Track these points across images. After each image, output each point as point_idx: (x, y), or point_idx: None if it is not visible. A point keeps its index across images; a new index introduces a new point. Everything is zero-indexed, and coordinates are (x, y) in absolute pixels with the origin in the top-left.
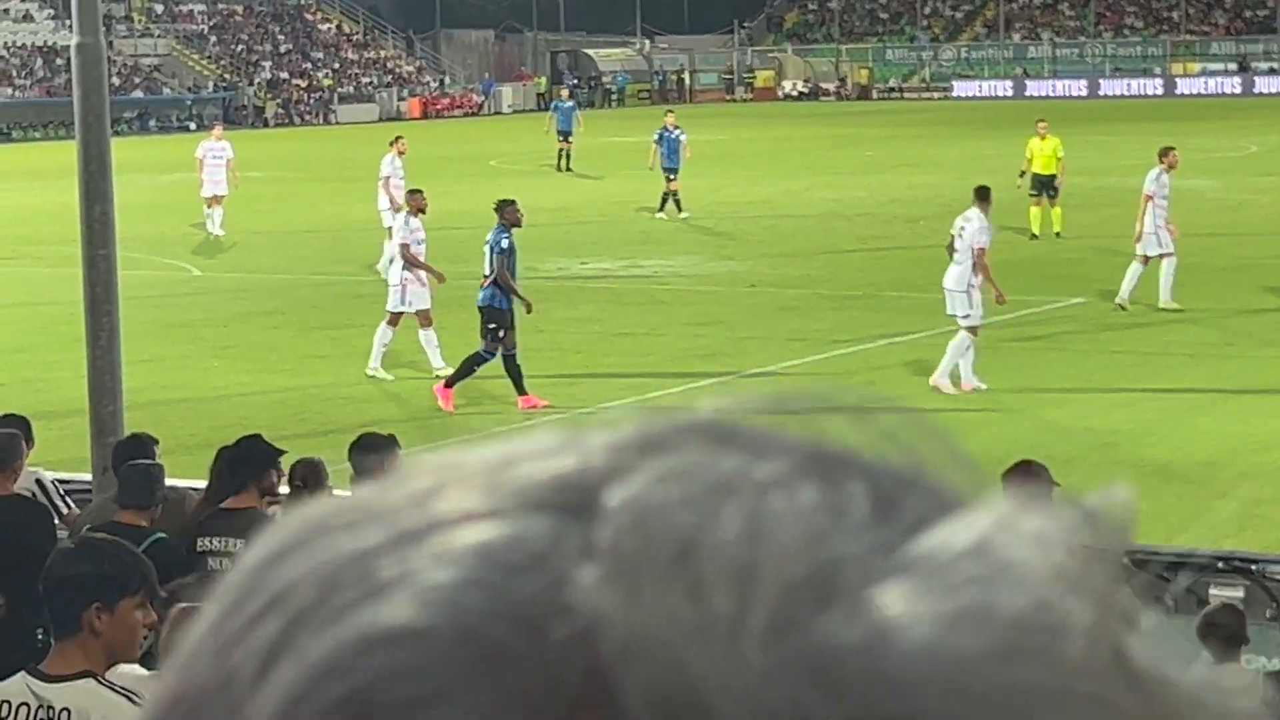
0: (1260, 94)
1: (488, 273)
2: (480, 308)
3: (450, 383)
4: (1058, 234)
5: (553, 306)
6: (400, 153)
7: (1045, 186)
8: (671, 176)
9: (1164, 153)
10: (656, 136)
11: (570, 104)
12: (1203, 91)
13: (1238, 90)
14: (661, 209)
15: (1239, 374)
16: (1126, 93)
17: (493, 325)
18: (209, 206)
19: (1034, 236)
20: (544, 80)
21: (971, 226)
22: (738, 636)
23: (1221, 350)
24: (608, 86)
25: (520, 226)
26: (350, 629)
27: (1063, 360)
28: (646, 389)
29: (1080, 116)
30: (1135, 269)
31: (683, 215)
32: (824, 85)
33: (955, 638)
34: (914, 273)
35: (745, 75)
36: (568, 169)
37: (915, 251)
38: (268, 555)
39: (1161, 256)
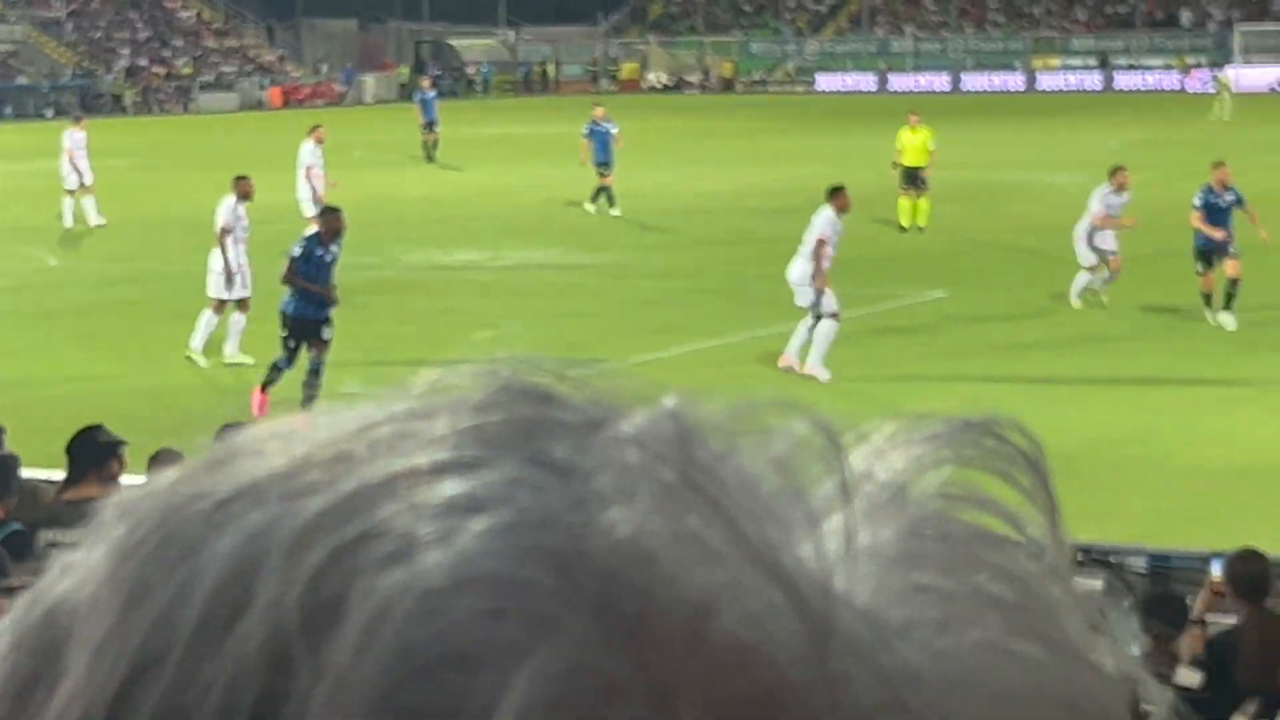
0: (1120, 90)
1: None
2: (284, 314)
3: (265, 386)
4: (921, 228)
5: (418, 298)
6: (319, 141)
7: (914, 179)
8: (604, 171)
9: (1114, 172)
10: (586, 130)
11: (433, 94)
12: (1063, 87)
13: (1098, 86)
14: (593, 201)
15: (1102, 367)
16: (988, 87)
17: (285, 334)
18: (76, 196)
19: (903, 229)
20: (407, 70)
21: (818, 220)
22: (733, 555)
23: (1085, 343)
24: (472, 77)
25: (339, 237)
26: (413, 572)
27: (924, 353)
28: None
29: (942, 110)
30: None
31: (614, 211)
32: (688, 78)
33: (935, 555)
34: (779, 265)
35: (610, 67)
36: (433, 159)
37: (780, 244)
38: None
39: (1093, 268)
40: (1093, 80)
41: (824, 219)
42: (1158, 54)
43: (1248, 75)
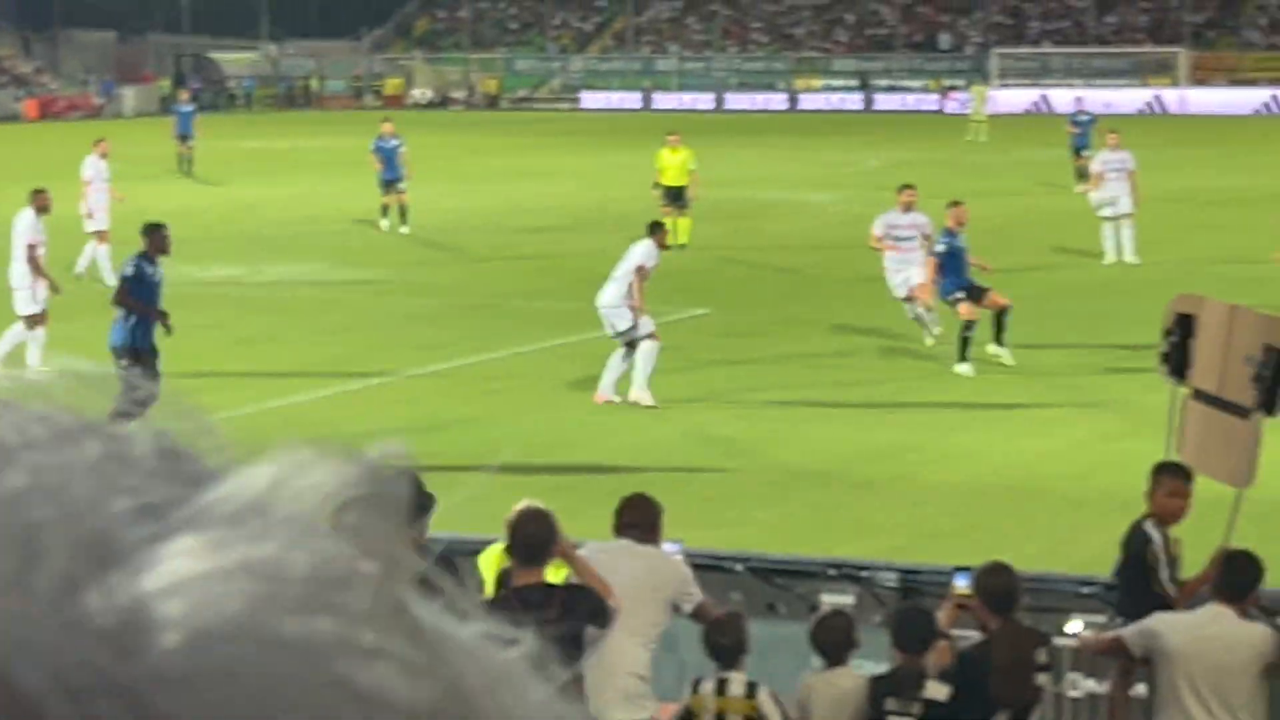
0: (879, 110)
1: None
2: (113, 348)
3: None
4: (683, 245)
5: (176, 313)
6: (103, 155)
7: (676, 198)
8: (398, 187)
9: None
10: (374, 147)
11: (189, 107)
12: (824, 107)
13: (859, 106)
14: (385, 218)
15: (856, 385)
16: (751, 107)
17: (125, 364)
18: None
19: (681, 246)
20: (168, 83)
21: (637, 249)
22: (28, 597)
23: (839, 361)
24: (233, 91)
25: (167, 254)
26: None
27: (686, 370)
28: (269, 396)
29: (706, 129)
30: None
31: (389, 227)
32: (453, 94)
33: (235, 592)
34: (542, 282)
35: (374, 82)
36: (190, 173)
37: (543, 261)
38: None
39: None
40: (853, 101)
41: (644, 248)
42: (917, 76)
43: (1004, 97)
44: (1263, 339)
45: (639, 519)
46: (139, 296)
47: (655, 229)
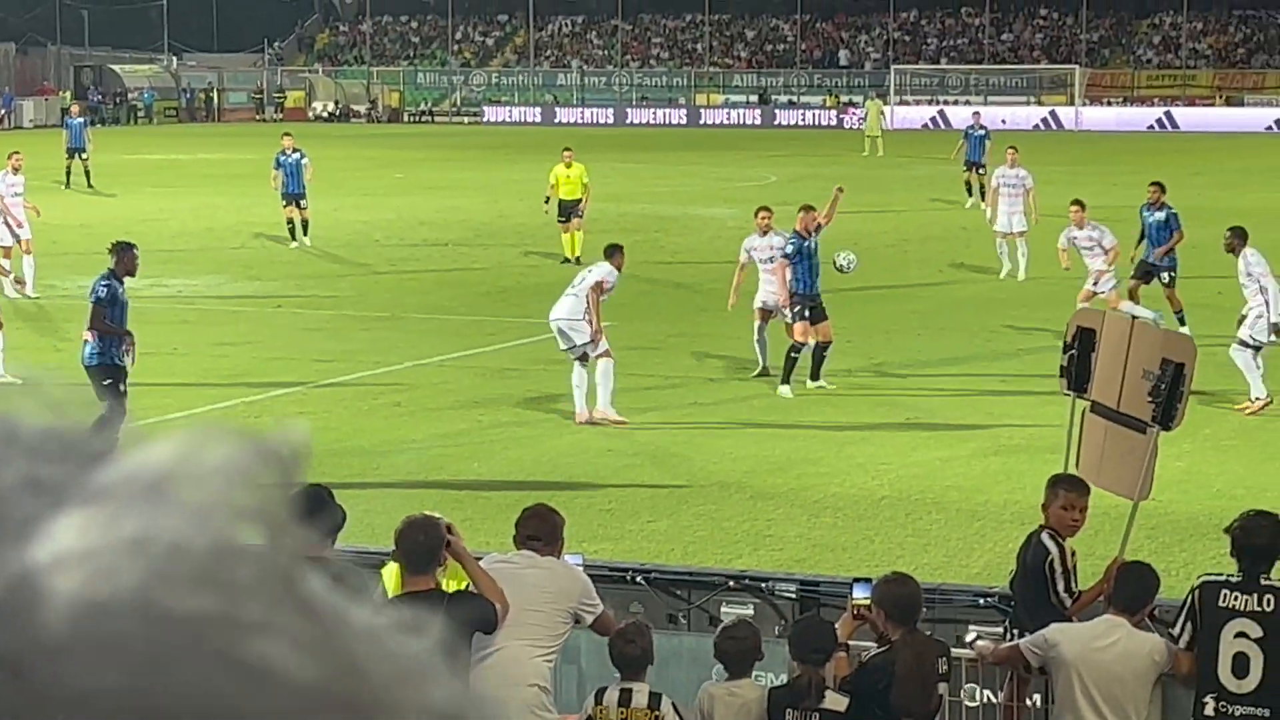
0: (780, 125)
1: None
2: (89, 367)
3: None
4: (577, 259)
5: (75, 326)
6: (15, 169)
7: (570, 211)
8: (300, 202)
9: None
10: (275, 161)
11: (80, 120)
12: (725, 122)
13: (758, 121)
14: (294, 237)
15: (753, 399)
16: (652, 121)
17: (108, 381)
18: None
19: (566, 260)
20: (68, 95)
21: (597, 269)
22: None
23: (736, 375)
24: (134, 103)
25: (134, 275)
26: None
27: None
28: (169, 408)
29: (607, 144)
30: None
31: (298, 243)
32: (355, 107)
33: (123, 566)
34: (441, 295)
35: (275, 95)
36: (89, 185)
37: (443, 274)
38: None
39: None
40: (753, 115)
41: (604, 268)
42: (816, 91)
43: (902, 113)
44: (1161, 353)
45: (540, 530)
46: (112, 318)
47: (613, 252)
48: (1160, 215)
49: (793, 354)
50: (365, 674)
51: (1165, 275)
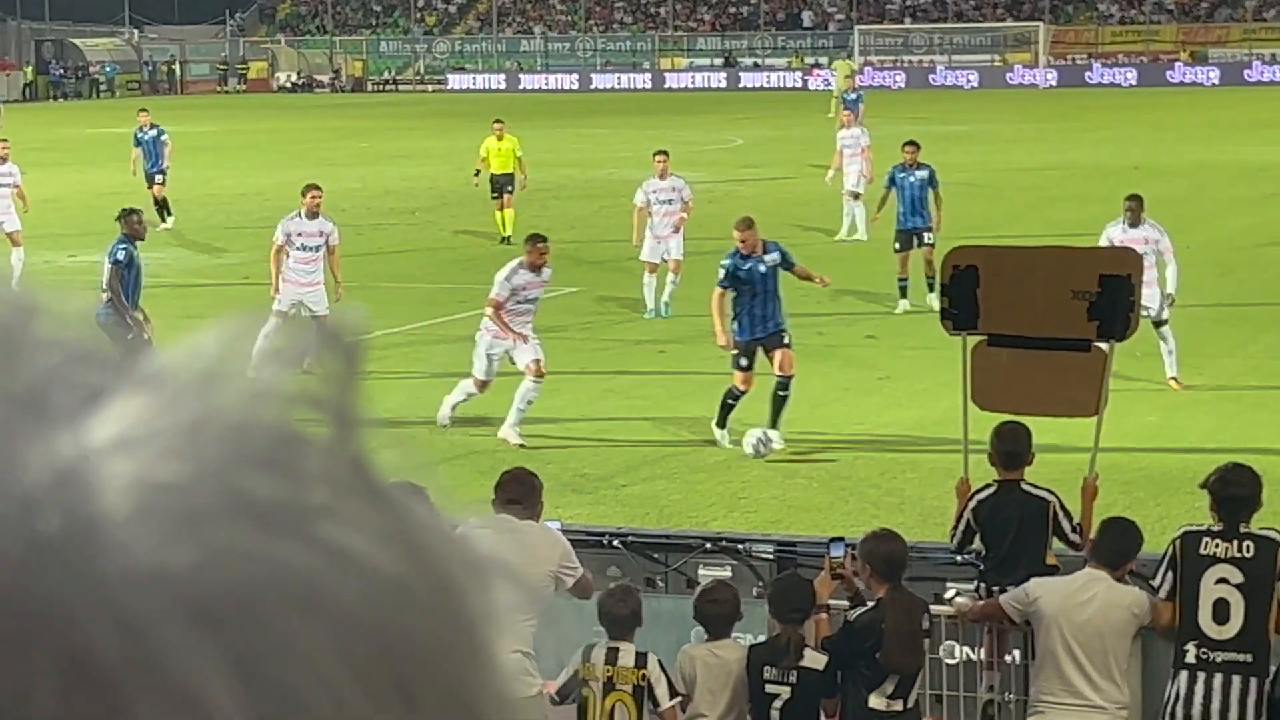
0: (745, 88)
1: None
2: (103, 325)
3: None
4: (507, 237)
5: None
6: (2, 158)
7: (504, 186)
8: (158, 178)
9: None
10: (134, 139)
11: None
12: (690, 86)
13: (723, 85)
14: (163, 218)
15: (723, 359)
16: (617, 86)
17: (127, 335)
18: None
19: (504, 240)
20: (30, 70)
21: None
22: None
23: (706, 337)
24: (96, 76)
25: (142, 239)
26: None
27: (557, 348)
28: None
29: (572, 110)
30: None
31: (164, 225)
32: (318, 77)
33: (185, 447)
34: (409, 264)
35: (238, 66)
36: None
37: (410, 243)
38: None
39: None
40: (718, 79)
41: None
42: (781, 53)
43: (866, 74)
44: (1099, 271)
45: (519, 494)
46: (128, 280)
47: (530, 242)
48: (922, 174)
49: (729, 400)
50: (435, 565)
51: (926, 236)
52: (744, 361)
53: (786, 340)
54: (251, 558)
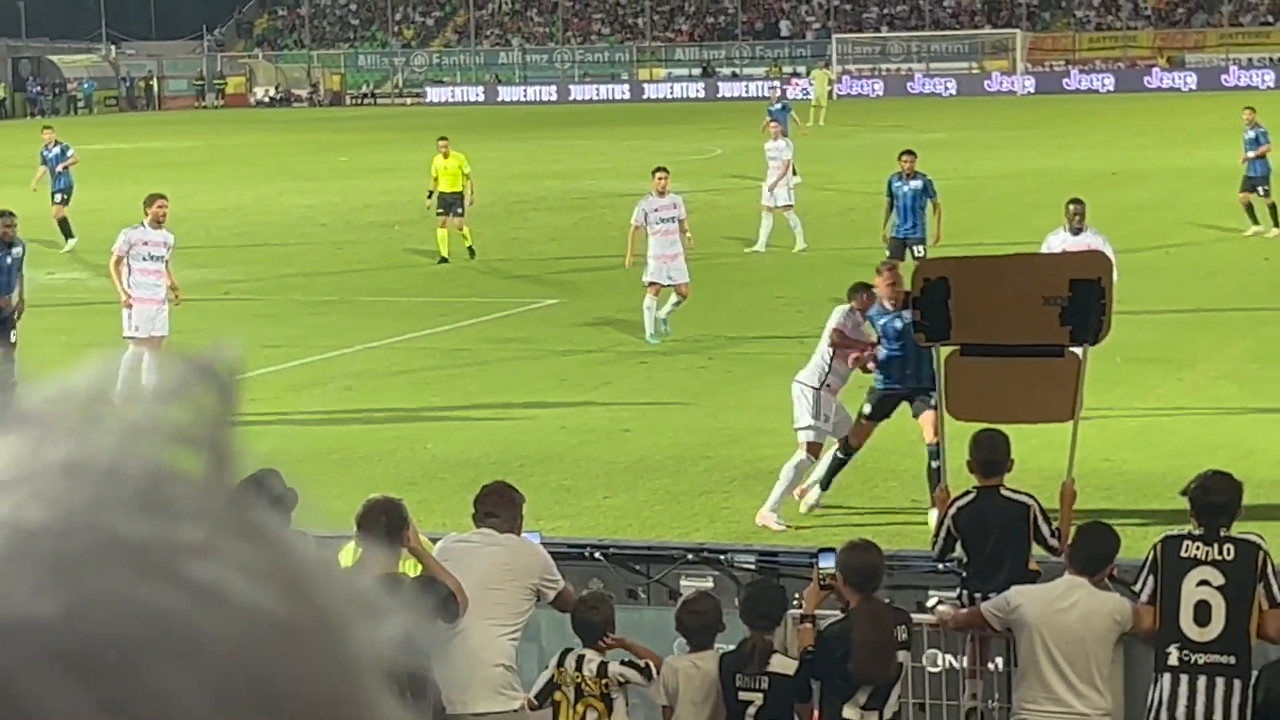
0: (723, 98)
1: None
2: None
3: None
4: (470, 249)
5: (25, 319)
6: None
7: (452, 205)
8: (59, 198)
9: (654, 172)
10: (41, 157)
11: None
12: (669, 96)
13: (702, 94)
14: (66, 238)
15: (705, 371)
16: (596, 97)
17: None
18: None
19: (443, 259)
20: (6, 87)
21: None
22: None
23: (692, 347)
24: (74, 93)
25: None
26: None
27: (538, 360)
28: None
29: (551, 121)
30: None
31: (66, 247)
32: (296, 91)
33: (56, 490)
34: (389, 277)
35: (216, 82)
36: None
37: (390, 256)
38: None
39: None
40: (697, 89)
41: (840, 312)
42: (759, 63)
43: (844, 83)
44: (1069, 276)
45: (499, 508)
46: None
47: (858, 291)
48: (917, 184)
49: (840, 455)
50: (314, 601)
51: (918, 249)
52: (870, 409)
53: (932, 399)
54: (122, 602)
